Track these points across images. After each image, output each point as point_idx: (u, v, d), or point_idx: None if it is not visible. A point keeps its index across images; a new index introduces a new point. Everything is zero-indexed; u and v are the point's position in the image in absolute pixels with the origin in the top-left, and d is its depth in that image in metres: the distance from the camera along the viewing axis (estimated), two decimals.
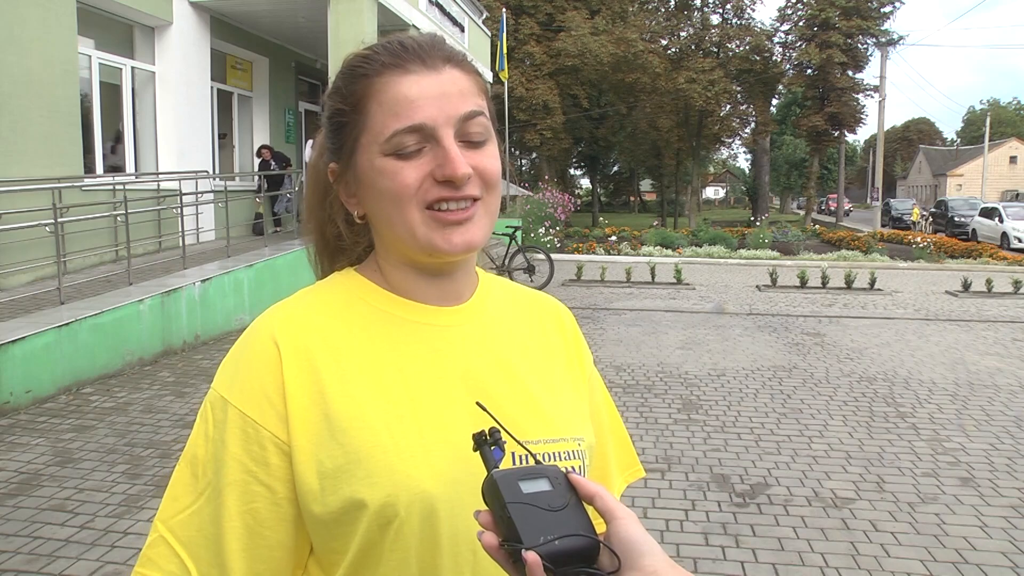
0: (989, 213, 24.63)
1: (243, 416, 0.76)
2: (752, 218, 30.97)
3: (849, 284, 12.51)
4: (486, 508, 0.65)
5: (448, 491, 0.75)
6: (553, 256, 13.08)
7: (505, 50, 20.41)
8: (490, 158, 0.80)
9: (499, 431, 0.70)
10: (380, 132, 0.77)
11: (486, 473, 0.66)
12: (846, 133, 37.61)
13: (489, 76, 19.87)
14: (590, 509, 0.66)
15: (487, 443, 0.69)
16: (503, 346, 0.87)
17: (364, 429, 0.75)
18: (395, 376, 0.79)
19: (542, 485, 0.65)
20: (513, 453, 0.77)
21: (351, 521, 0.74)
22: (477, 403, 0.75)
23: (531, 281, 11.85)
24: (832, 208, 46.89)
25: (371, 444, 0.74)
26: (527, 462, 0.75)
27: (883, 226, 31.68)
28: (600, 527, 0.65)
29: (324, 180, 0.86)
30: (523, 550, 0.59)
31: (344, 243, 0.88)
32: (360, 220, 0.85)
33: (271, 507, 0.76)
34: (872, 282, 12.56)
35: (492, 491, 0.64)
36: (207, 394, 0.81)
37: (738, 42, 33.48)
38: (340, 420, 0.75)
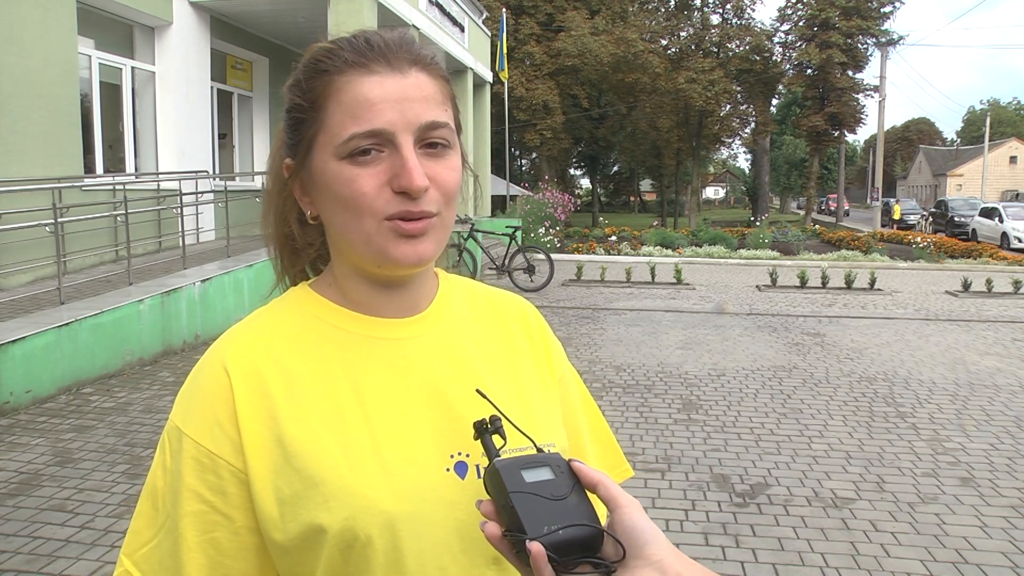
0: (989, 213, 24.63)
1: (197, 446, 0.74)
2: (752, 218, 31.00)
3: (849, 284, 12.51)
4: (488, 498, 0.65)
5: (410, 509, 0.73)
6: (553, 256, 13.07)
7: (505, 50, 20.41)
8: (450, 170, 0.77)
9: (499, 419, 0.69)
10: (337, 134, 0.74)
11: (449, 486, 0.66)
12: (846, 133, 37.61)
13: (489, 76, 19.88)
14: (593, 497, 0.66)
15: (488, 431, 0.68)
16: (466, 354, 0.84)
17: (319, 452, 0.73)
18: (350, 395, 0.77)
19: (544, 474, 0.64)
20: (478, 466, 0.76)
21: (312, 547, 0.72)
22: (477, 390, 0.74)
23: (531, 281, 11.84)
24: (832, 208, 46.91)
25: (327, 467, 0.72)
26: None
27: (883, 226, 31.74)
28: (603, 515, 0.65)
29: (280, 176, 0.83)
30: (527, 540, 0.59)
31: (297, 244, 0.85)
32: (313, 221, 0.81)
33: (231, 537, 0.74)
34: (872, 282, 12.56)
35: (494, 480, 0.64)
36: (166, 425, 0.79)
37: (738, 42, 33.51)
38: (294, 445, 0.73)
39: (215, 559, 0.74)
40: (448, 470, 0.75)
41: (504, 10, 22.19)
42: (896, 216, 33.81)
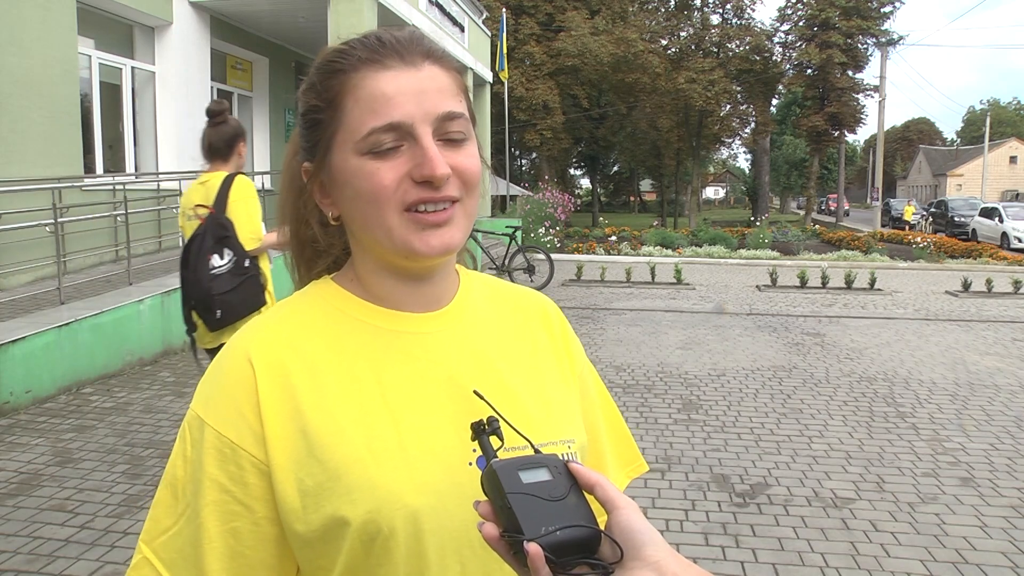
0: (989, 213, 24.65)
1: (219, 436, 0.75)
2: (752, 218, 30.99)
3: (849, 284, 12.50)
4: (485, 499, 0.65)
5: (432, 503, 0.73)
6: (553, 256, 13.08)
7: (505, 50, 20.42)
8: (469, 158, 0.78)
9: (497, 420, 0.69)
10: (356, 130, 0.75)
11: (479, 482, 0.65)
12: (846, 133, 37.64)
13: (489, 76, 19.88)
14: (591, 499, 0.65)
15: (485, 432, 0.68)
16: (487, 350, 0.85)
17: (343, 444, 0.73)
18: (374, 388, 0.77)
19: (542, 475, 0.64)
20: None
21: (334, 539, 0.72)
22: (475, 391, 0.74)
23: (531, 281, 11.85)
24: (832, 208, 46.90)
25: (351, 459, 0.73)
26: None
27: (883, 226, 31.71)
28: (601, 517, 0.65)
29: (298, 180, 0.84)
30: (524, 541, 0.59)
31: (319, 246, 0.86)
32: (335, 222, 0.82)
33: (251, 527, 0.74)
34: (872, 282, 12.56)
35: (492, 481, 0.63)
36: (186, 414, 0.80)
37: (738, 42, 33.52)
38: (318, 436, 0.74)
39: (235, 549, 0.74)
40: (470, 464, 0.76)
41: (504, 10, 22.20)
42: (907, 217, 32.92)
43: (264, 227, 3.54)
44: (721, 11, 34.67)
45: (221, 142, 3.35)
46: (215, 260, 3.28)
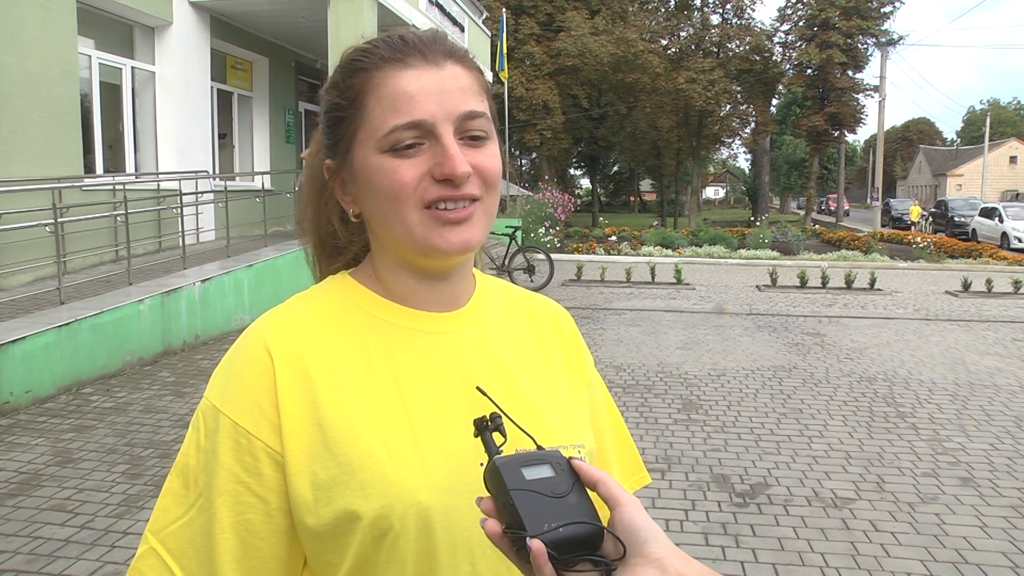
0: (989, 213, 24.64)
1: (235, 426, 0.75)
2: (752, 218, 30.98)
3: (849, 284, 12.51)
4: (488, 495, 0.65)
5: (444, 501, 0.73)
6: (553, 256, 13.07)
7: (505, 50, 20.41)
8: (490, 157, 0.78)
9: (500, 416, 0.69)
10: (378, 128, 0.75)
11: (482, 478, 0.65)
12: (846, 133, 37.59)
13: (489, 76, 19.88)
14: (594, 495, 0.65)
15: (488, 428, 0.68)
16: (501, 352, 0.85)
17: (358, 439, 0.74)
18: (390, 385, 0.78)
19: (545, 471, 0.64)
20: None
21: (345, 533, 0.72)
22: (477, 388, 0.74)
23: (531, 281, 11.85)
24: (832, 208, 46.88)
25: (365, 454, 0.73)
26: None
27: (883, 226, 31.67)
28: (604, 513, 0.65)
29: (320, 177, 0.84)
30: (527, 538, 0.59)
31: (340, 242, 0.86)
32: (355, 219, 0.82)
33: (264, 518, 0.74)
34: (872, 282, 12.56)
35: (494, 477, 0.63)
36: (199, 403, 0.80)
37: (738, 42, 33.48)
38: (334, 430, 0.74)
39: (247, 540, 0.74)
40: (482, 464, 0.76)
41: (504, 10, 22.19)
42: (914, 219, 32.57)
43: None
44: (721, 11, 34.63)
45: None
46: None
